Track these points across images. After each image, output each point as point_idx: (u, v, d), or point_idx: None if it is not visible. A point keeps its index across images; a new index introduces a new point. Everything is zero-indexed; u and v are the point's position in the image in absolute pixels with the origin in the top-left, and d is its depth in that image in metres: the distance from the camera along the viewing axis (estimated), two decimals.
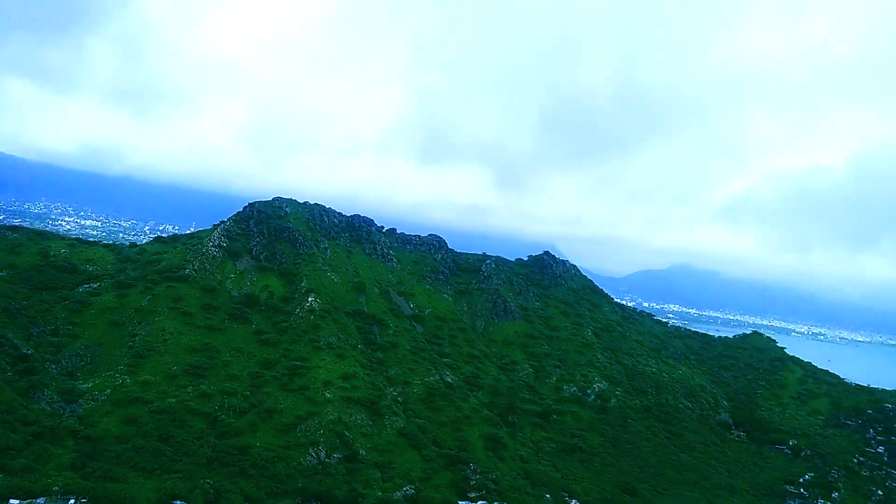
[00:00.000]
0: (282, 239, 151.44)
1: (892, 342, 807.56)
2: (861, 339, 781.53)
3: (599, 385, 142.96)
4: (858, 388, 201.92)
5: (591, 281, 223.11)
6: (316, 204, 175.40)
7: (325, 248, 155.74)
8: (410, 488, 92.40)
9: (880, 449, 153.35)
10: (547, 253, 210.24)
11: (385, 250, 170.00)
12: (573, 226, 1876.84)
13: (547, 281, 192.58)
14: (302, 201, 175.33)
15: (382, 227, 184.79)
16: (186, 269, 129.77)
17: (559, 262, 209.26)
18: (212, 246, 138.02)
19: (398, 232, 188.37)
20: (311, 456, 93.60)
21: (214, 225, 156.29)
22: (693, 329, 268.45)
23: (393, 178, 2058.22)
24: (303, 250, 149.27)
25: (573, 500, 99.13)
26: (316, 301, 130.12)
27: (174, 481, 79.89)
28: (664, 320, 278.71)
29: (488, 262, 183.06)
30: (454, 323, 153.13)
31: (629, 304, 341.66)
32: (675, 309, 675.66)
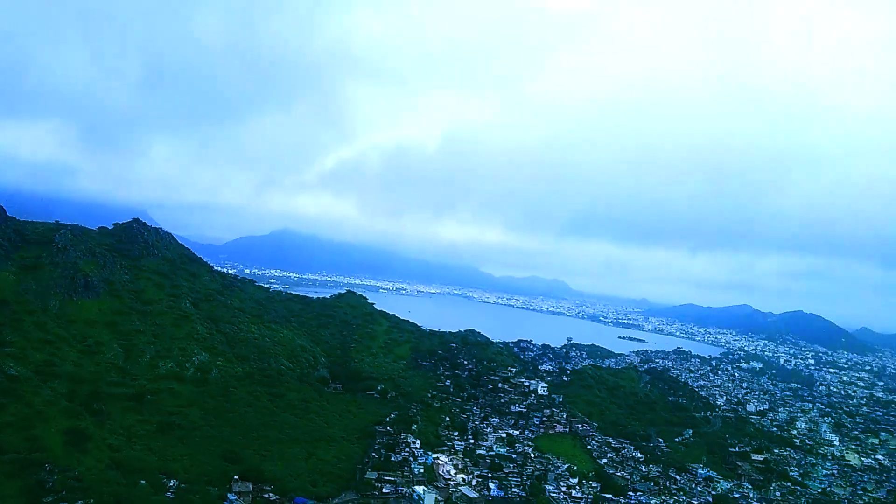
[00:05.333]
0: None
1: (457, 292, 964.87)
2: (434, 291, 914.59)
3: (199, 357, 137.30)
4: (432, 332, 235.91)
5: (189, 249, 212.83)
6: None
7: None
8: None
9: (448, 383, 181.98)
10: (137, 220, 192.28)
11: None
12: (172, 191, 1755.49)
13: (137, 251, 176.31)
14: None
15: None
16: None
17: (152, 229, 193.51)
18: None
19: None
20: None
21: None
22: (294, 292, 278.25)
23: None
24: None
25: (172, 481, 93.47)
26: None
27: None
28: (266, 286, 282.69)
29: (63, 231, 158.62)
30: (19, 305, 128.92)
31: (230, 272, 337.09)
32: (276, 274, 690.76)
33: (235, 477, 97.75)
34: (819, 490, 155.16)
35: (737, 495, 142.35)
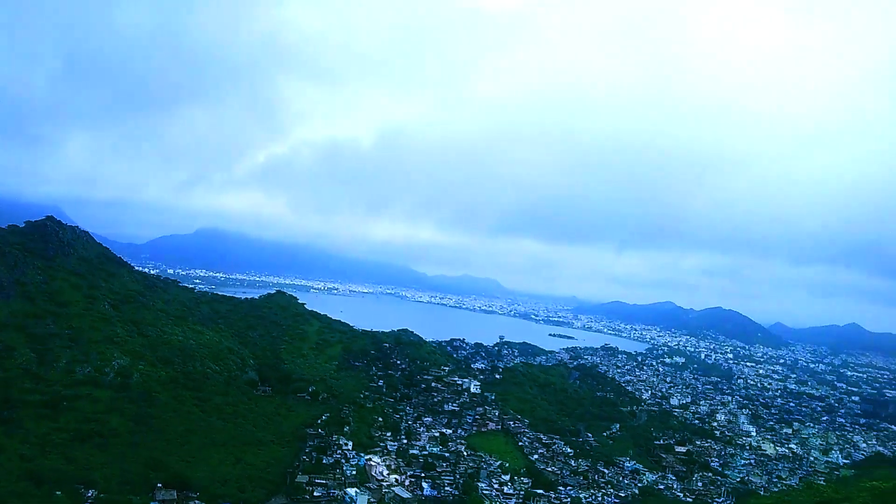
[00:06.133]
0: None
1: (390, 291, 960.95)
2: (366, 290, 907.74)
3: (120, 361, 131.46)
4: (364, 332, 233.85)
5: (108, 249, 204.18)
6: None
7: None
8: None
9: (380, 383, 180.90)
10: (51, 218, 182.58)
11: None
12: (89, 187, 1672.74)
13: (52, 251, 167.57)
14: None
15: None
16: None
17: (67, 228, 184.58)
18: None
19: None
20: None
21: None
22: (221, 293, 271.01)
23: None
24: None
25: (91, 491, 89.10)
26: None
27: None
28: (191, 286, 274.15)
29: None
30: None
31: (153, 272, 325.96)
32: (202, 274, 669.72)
33: (159, 484, 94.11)
34: (738, 479, 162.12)
35: (661, 487, 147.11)
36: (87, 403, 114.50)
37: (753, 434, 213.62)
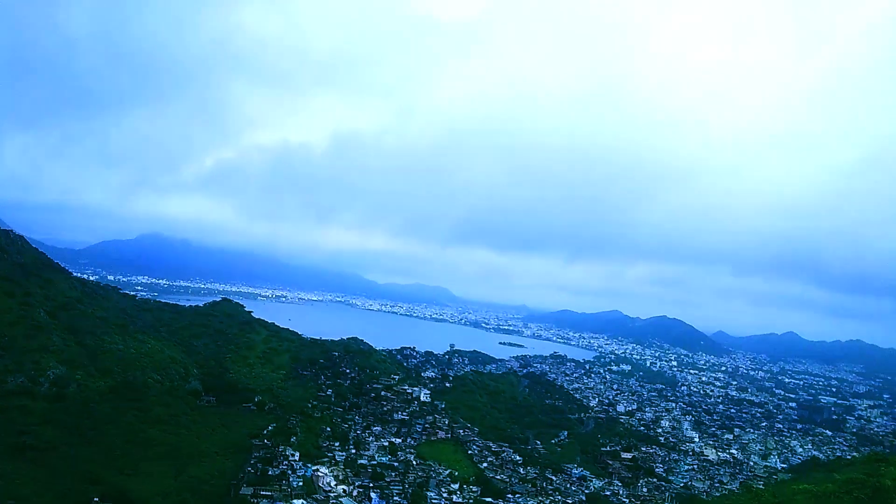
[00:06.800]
0: None
1: (340, 299, 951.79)
2: (315, 299, 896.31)
3: (56, 371, 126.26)
4: (313, 341, 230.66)
5: (45, 254, 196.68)
6: None
7: None
8: None
9: (329, 392, 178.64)
10: None
11: None
12: (26, 190, 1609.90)
13: None
14: None
15: None
16: None
17: (1, 232, 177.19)
18: None
19: None
20: None
21: None
22: (164, 300, 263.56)
23: None
24: None
25: None
26: None
27: None
28: (132, 293, 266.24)
29: None
30: None
31: (92, 278, 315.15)
32: (144, 281, 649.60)
33: (96, 499, 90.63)
34: (681, 484, 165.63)
35: (608, 493, 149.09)
36: (20, 415, 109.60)
37: (696, 440, 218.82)
